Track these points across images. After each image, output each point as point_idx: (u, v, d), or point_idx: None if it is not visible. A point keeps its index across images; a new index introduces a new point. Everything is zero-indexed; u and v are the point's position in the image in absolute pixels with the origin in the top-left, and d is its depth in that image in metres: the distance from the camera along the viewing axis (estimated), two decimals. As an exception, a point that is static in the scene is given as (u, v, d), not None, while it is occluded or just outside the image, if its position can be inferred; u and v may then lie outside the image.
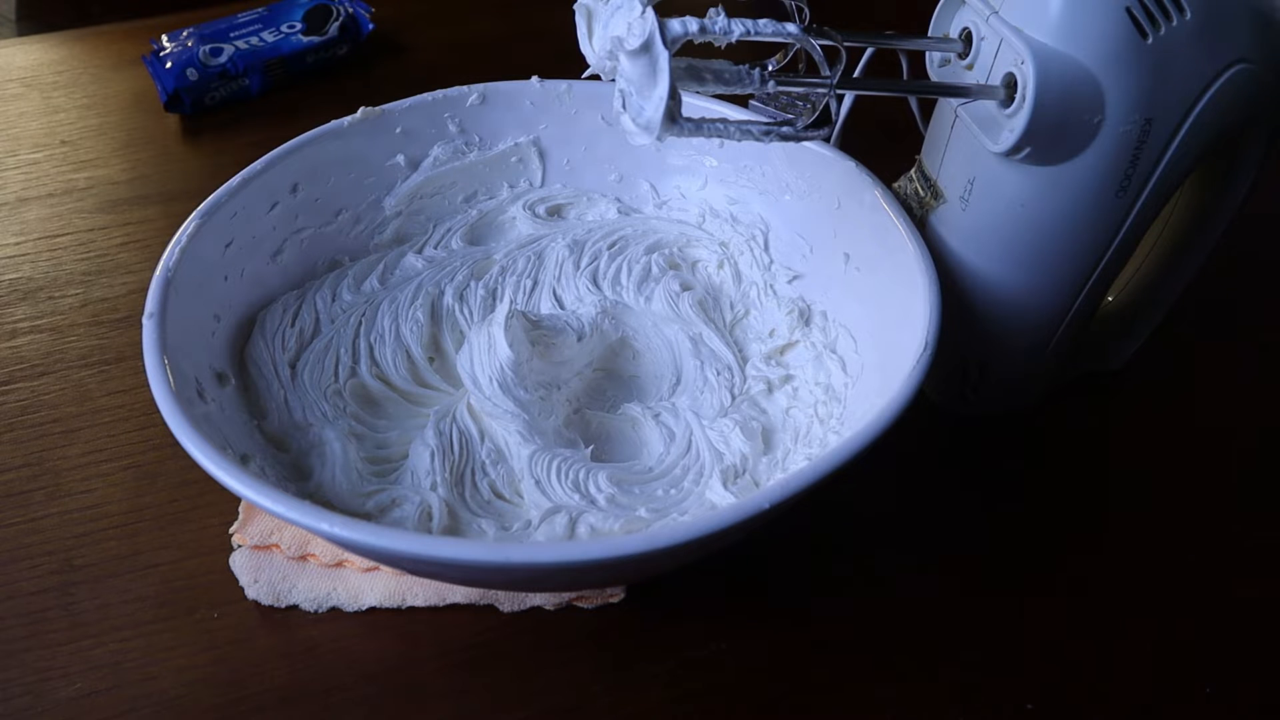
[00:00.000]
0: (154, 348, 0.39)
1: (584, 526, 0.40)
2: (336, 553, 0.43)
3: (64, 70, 0.76)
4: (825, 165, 0.49)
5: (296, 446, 0.43)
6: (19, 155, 0.67)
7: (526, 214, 0.56)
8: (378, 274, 0.52)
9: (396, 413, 0.47)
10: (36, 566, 0.43)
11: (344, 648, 0.41)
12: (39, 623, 0.41)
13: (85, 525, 0.45)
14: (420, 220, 0.55)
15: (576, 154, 0.57)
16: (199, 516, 0.45)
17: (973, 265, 0.43)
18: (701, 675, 0.40)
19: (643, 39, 0.33)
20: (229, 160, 0.50)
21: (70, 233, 0.61)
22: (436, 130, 0.55)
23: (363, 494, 0.42)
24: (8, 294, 0.56)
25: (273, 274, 0.50)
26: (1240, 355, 0.54)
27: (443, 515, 0.41)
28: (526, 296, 0.52)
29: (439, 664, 0.40)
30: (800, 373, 0.48)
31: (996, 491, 0.47)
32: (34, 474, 0.47)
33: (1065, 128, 0.37)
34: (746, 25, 0.35)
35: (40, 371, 0.52)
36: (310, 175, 0.51)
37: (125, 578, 0.43)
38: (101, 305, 0.56)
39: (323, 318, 0.49)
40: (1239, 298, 0.56)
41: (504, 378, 0.45)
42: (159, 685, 0.39)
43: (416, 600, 0.42)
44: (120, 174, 0.66)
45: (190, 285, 0.43)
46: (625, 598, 0.42)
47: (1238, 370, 0.53)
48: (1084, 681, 0.40)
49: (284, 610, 0.42)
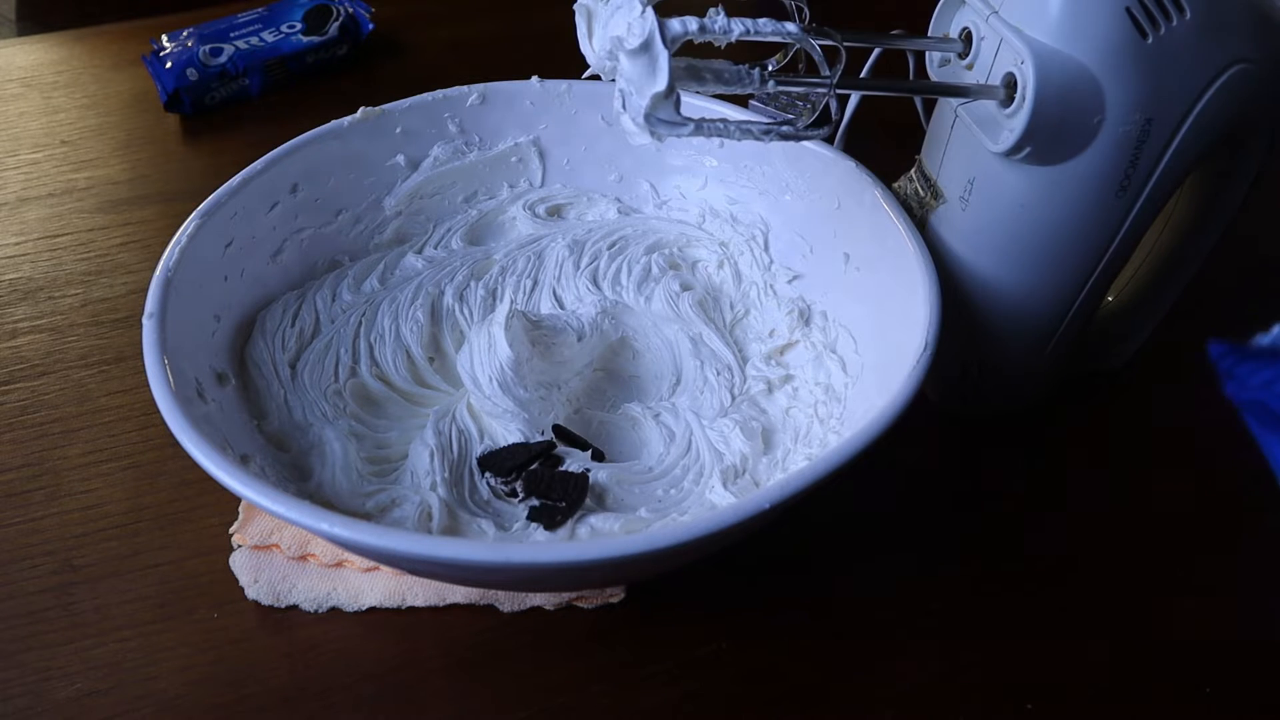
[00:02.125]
0: (154, 348, 0.39)
1: (584, 526, 0.40)
2: (336, 553, 0.43)
3: (64, 70, 0.76)
4: (825, 165, 0.49)
5: (296, 446, 0.43)
6: (19, 155, 0.67)
7: (526, 214, 0.56)
8: (378, 274, 0.52)
9: (396, 413, 0.47)
10: (36, 566, 0.43)
11: (344, 648, 0.41)
12: (39, 623, 0.41)
13: (85, 525, 0.45)
14: (420, 220, 0.55)
15: (576, 154, 0.57)
16: (199, 516, 0.45)
17: (973, 265, 0.43)
18: (701, 675, 0.40)
19: (642, 38, 0.33)
20: (229, 160, 0.50)
21: (70, 233, 0.61)
22: (436, 130, 0.55)
23: (362, 494, 0.42)
24: (8, 294, 0.56)
25: (273, 274, 0.50)
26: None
27: (442, 515, 0.41)
28: (526, 296, 0.52)
29: (439, 664, 0.40)
30: (800, 373, 0.48)
31: (996, 491, 0.47)
32: (34, 474, 0.47)
33: (1065, 127, 0.37)
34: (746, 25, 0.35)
35: (40, 371, 0.52)
36: (310, 175, 0.51)
37: (125, 578, 0.43)
38: (101, 305, 0.56)
39: (323, 318, 0.49)
40: (1239, 298, 0.56)
41: (504, 377, 0.45)
42: (159, 685, 0.39)
43: (416, 600, 0.42)
44: (120, 174, 0.66)
45: (190, 285, 0.43)
46: (625, 598, 0.42)
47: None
48: (1084, 681, 0.40)
49: (284, 610, 0.42)
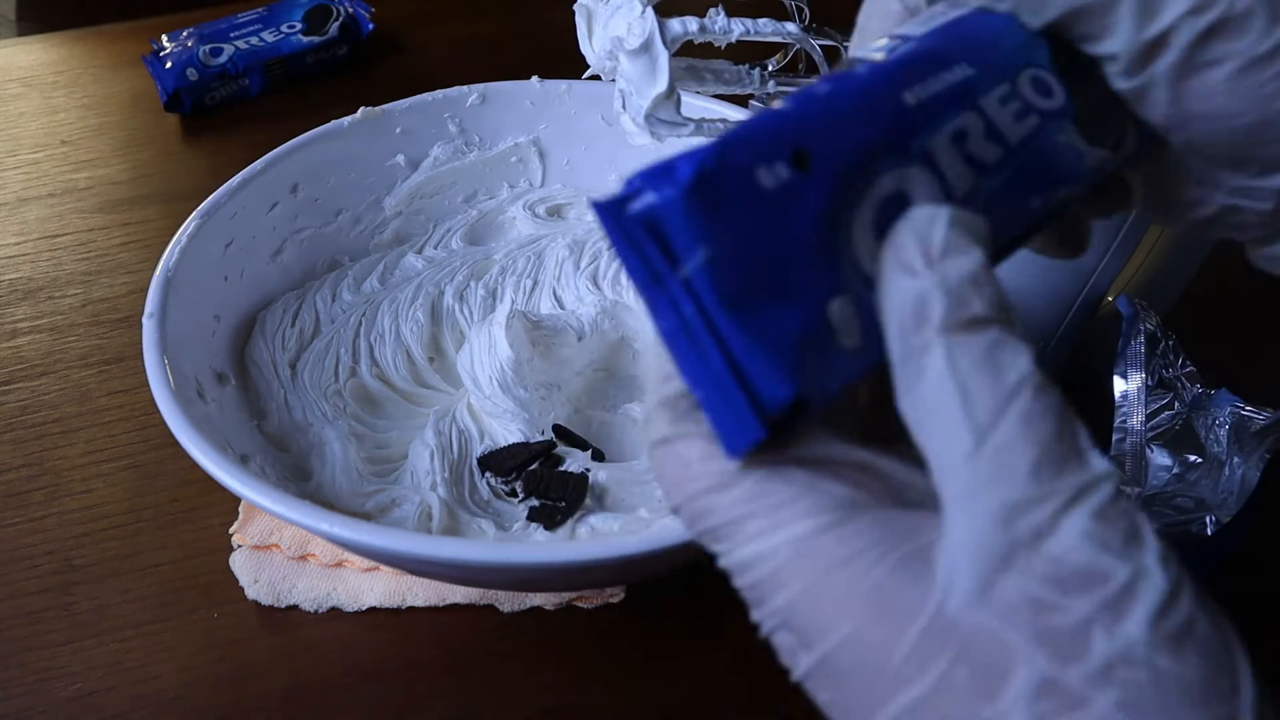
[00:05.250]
0: (154, 347, 0.39)
1: (584, 526, 0.40)
2: (336, 553, 0.43)
3: (64, 70, 0.76)
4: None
5: (296, 447, 0.43)
6: (19, 155, 0.67)
7: (526, 214, 0.56)
8: (378, 274, 0.52)
9: (396, 413, 0.47)
10: (36, 567, 0.43)
11: (344, 648, 0.41)
12: (39, 623, 0.41)
13: (85, 525, 0.45)
14: (420, 220, 0.55)
15: (576, 154, 0.57)
16: (199, 517, 0.45)
17: (973, 265, 0.43)
18: (701, 675, 0.40)
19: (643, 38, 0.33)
20: (229, 160, 0.50)
21: (70, 233, 0.61)
22: (436, 130, 0.55)
23: (363, 494, 0.42)
24: (8, 294, 0.56)
25: (273, 274, 0.50)
26: (1240, 355, 0.54)
27: (442, 515, 0.41)
28: (526, 296, 0.52)
29: (439, 664, 0.40)
30: (800, 373, 0.48)
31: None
32: (34, 474, 0.47)
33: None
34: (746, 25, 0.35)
35: (40, 371, 0.52)
36: (310, 175, 0.51)
37: (125, 578, 0.43)
38: (101, 305, 0.56)
39: (323, 318, 0.49)
40: (1239, 298, 0.56)
41: (504, 377, 0.45)
42: (159, 685, 0.39)
43: (416, 600, 0.42)
44: (120, 174, 0.66)
45: (190, 285, 0.43)
46: (625, 598, 0.42)
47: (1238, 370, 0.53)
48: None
49: (284, 610, 0.42)
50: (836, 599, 0.18)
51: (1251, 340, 0.54)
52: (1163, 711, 0.17)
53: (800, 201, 0.19)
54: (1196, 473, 0.42)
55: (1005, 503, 0.18)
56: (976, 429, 0.18)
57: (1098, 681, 0.17)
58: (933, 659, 0.18)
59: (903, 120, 0.21)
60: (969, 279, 0.19)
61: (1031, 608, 0.17)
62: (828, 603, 0.19)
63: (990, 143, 0.22)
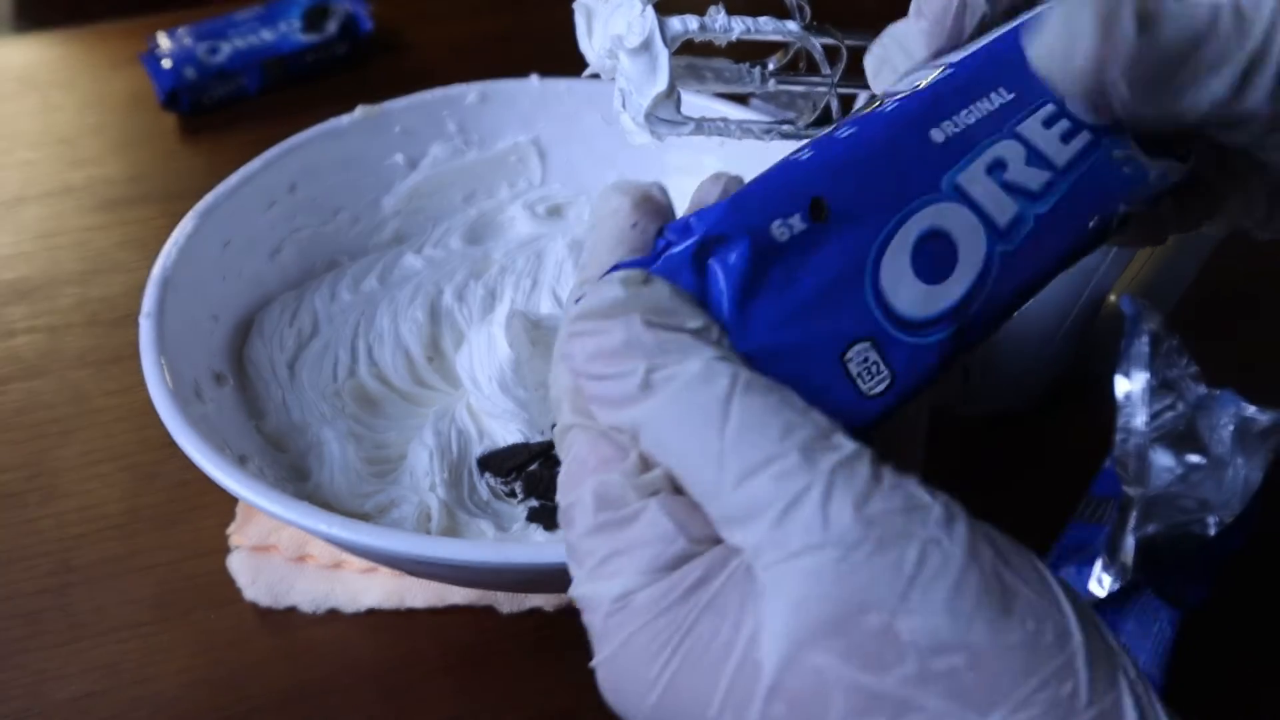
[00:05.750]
0: (151, 347, 0.39)
1: (584, 527, 0.40)
2: (335, 554, 0.42)
3: (61, 69, 0.76)
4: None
5: (295, 447, 0.43)
6: (16, 154, 0.67)
7: (526, 213, 0.56)
8: (376, 274, 0.52)
9: (395, 413, 0.47)
10: (34, 568, 0.43)
11: (343, 649, 0.40)
12: (36, 624, 0.41)
13: (82, 526, 0.44)
14: (419, 220, 0.55)
15: (576, 154, 0.56)
16: (197, 517, 0.45)
17: (974, 265, 0.43)
18: (702, 676, 0.40)
19: (643, 37, 0.33)
20: (227, 159, 0.50)
21: (67, 232, 0.61)
22: (435, 129, 0.54)
23: (361, 494, 0.42)
24: (4, 293, 0.56)
25: (271, 273, 0.49)
26: (1240, 355, 0.53)
27: (442, 516, 0.41)
28: (526, 296, 0.52)
29: (439, 664, 0.40)
30: (801, 372, 0.48)
31: (996, 491, 0.47)
32: (31, 475, 0.47)
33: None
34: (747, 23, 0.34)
35: (37, 371, 0.52)
36: (309, 174, 0.51)
37: (122, 579, 0.42)
38: (99, 305, 0.55)
39: (321, 318, 0.49)
40: (1240, 297, 0.56)
41: (504, 377, 0.45)
42: (157, 687, 0.39)
43: (416, 601, 0.41)
44: (118, 173, 0.65)
45: (188, 285, 0.43)
46: (625, 599, 0.42)
47: (1238, 370, 0.53)
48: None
49: (282, 611, 0.41)
50: (652, 654, 0.19)
51: (1255, 340, 0.54)
52: (993, 689, 0.17)
53: (818, 252, 0.19)
54: (1200, 473, 0.42)
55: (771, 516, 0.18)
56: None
57: (918, 682, 0.17)
58: (747, 703, 0.18)
59: (929, 159, 0.21)
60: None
61: (832, 628, 0.17)
62: (644, 658, 0.19)
63: (1033, 167, 0.21)
